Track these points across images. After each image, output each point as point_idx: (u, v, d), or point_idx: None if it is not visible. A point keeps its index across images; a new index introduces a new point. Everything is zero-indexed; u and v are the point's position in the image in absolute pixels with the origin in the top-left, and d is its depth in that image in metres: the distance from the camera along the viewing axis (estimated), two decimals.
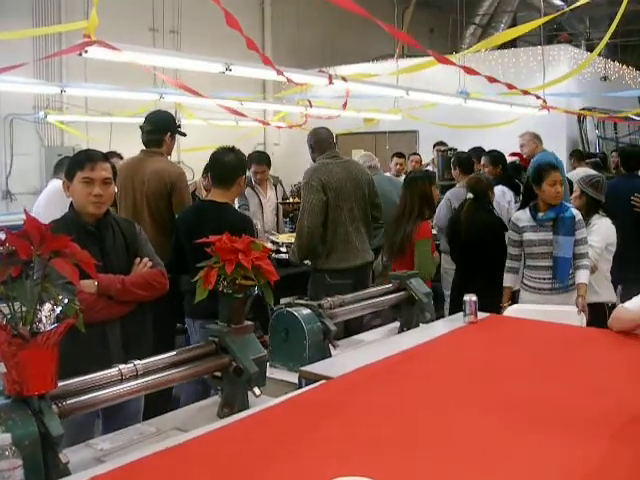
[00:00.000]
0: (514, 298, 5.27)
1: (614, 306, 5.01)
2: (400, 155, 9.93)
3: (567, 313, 4.48)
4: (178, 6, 12.71)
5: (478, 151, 7.96)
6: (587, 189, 5.34)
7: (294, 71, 5.99)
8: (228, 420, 2.51)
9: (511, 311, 4.62)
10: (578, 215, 5.02)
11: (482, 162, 7.59)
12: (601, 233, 5.27)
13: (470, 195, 5.93)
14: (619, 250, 5.45)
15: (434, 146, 10.12)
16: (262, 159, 7.42)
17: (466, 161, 7.27)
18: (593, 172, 7.52)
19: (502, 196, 7.17)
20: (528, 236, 5.06)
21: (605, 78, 13.91)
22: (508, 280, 5.26)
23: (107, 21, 5.01)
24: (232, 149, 4.56)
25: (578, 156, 10.54)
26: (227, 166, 4.49)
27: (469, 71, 6.53)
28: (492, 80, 6.66)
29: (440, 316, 5.66)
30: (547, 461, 2.10)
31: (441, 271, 6.82)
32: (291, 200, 8.32)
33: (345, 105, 7.41)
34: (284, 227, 7.84)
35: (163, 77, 6.69)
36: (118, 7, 11.07)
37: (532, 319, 4.07)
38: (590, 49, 15.32)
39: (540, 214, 5.01)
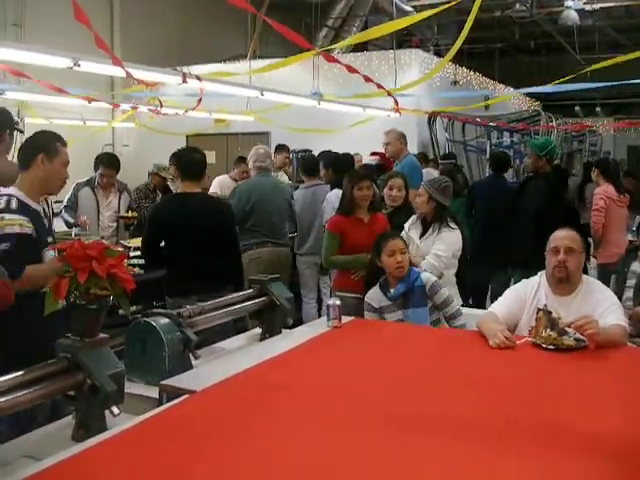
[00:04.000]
0: None
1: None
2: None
3: None
4: None
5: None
6: (436, 194, 5.18)
7: (146, 69, 5.75)
8: (85, 444, 2.28)
9: None
10: (429, 280, 4.45)
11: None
12: (447, 242, 5.11)
13: None
14: (486, 246, 5.59)
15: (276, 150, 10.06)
16: (112, 163, 7.16)
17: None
18: (436, 174, 7.72)
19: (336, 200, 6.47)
20: (389, 318, 4.40)
21: (455, 82, 14.28)
22: None
23: None
24: (196, 149, 5.31)
25: (424, 158, 10.76)
26: (196, 162, 5.06)
27: (330, 59, 6.47)
28: (352, 70, 6.59)
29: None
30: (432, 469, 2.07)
31: (299, 270, 6.86)
32: (129, 214, 7.76)
33: (200, 101, 7.20)
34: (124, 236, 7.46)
35: (6, 69, 6.27)
36: None
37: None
38: (438, 54, 15.71)
39: (392, 290, 4.41)
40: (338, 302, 3.80)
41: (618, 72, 6.94)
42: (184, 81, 6.12)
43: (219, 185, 9.09)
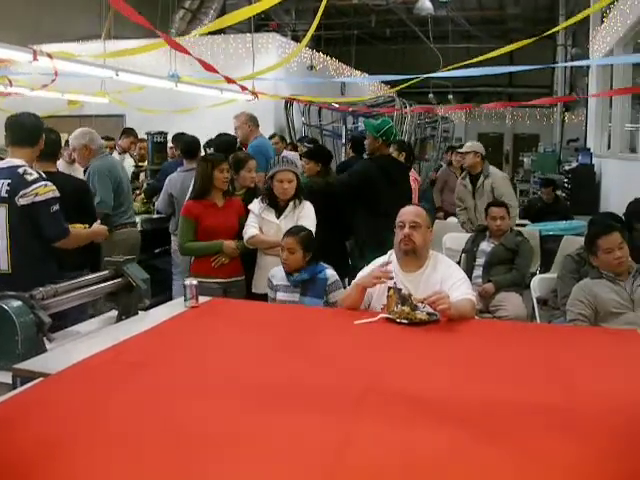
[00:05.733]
0: None
1: None
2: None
3: None
4: None
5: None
6: (299, 173, 5.27)
7: None
8: None
9: None
10: (333, 277, 4.51)
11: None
12: (311, 216, 5.18)
13: None
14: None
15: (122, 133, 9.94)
16: None
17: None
18: (294, 157, 7.81)
19: None
20: (280, 296, 4.53)
21: (312, 67, 14.41)
22: None
23: None
24: (51, 129, 5.03)
25: (283, 141, 10.82)
26: (51, 142, 4.86)
27: (206, 65, 6.42)
28: (208, 67, 6.58)
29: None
30: (294, 438, 2.12)
31: (171, 252, 6.98)
32: None
33: (56, 74, 6.95)
34: None
35: None
36: None
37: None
38: (295, 39, 15.83)
39: (294, 274, 4.48)
40: (195, 282, 3.81)
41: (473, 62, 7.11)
42: (35, 58, 5.94)
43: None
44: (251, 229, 5.17)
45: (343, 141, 13.26)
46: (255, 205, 5.27)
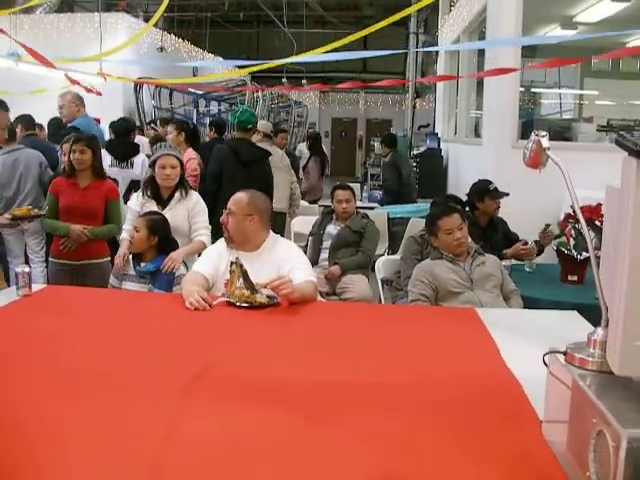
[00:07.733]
0: None
1: None
2: None
3: None
4: None
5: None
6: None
7: None
8: None
9: None
10: (180, 271, 4.42)
11: None
12: (203, 207, 5.05)
13: None
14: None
15: None
16: None
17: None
18: (145, 141, 7.69)
19: None
20: (128, 286, 4.44)
21: (162, 49, 14.16)
22: None
23: None
24: None
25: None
26: None
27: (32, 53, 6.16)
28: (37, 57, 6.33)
29: None
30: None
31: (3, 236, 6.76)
32: None
33: None
34: None
35: None
36: None
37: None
38: (148, 21, 15.53)
39: (142, 265, 4.43)
40: (27, 269, 3.62)
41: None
42: None
43: None
44: (122, 234, 4.97)
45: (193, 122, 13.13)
46: (133, 200, 5.05)
